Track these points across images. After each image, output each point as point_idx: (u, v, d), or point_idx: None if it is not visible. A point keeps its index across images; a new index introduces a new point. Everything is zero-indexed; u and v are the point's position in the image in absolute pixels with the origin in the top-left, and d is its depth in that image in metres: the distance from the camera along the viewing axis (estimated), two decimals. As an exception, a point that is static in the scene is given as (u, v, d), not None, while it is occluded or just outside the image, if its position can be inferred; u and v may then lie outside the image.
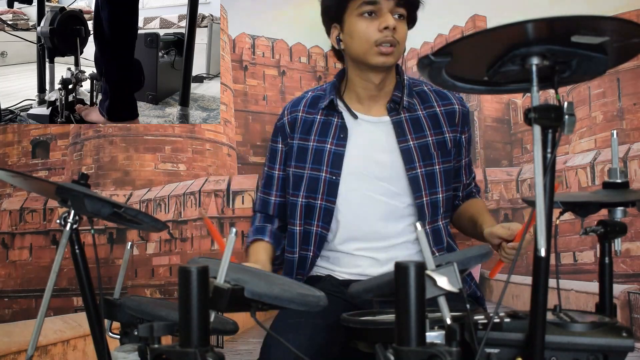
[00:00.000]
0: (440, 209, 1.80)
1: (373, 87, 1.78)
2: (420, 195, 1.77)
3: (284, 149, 1.85)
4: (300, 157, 1.81)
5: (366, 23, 1.69)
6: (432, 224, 1.79)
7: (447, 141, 1.81)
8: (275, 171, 1.87)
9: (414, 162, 1.77)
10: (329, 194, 1.77)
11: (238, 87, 2.66)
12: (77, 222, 1.40)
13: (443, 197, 1.80)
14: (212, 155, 2.67)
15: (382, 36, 1.68)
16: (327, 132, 1.80)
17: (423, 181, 1.77)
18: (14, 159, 2.65)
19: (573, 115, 1.06)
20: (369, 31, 1.69)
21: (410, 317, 0.96)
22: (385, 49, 1.69)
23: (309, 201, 1.79)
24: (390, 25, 1.67)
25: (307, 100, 1.86)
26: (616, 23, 1.03)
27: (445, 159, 1.81)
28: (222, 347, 2.40)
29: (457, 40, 1.07)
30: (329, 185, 1.77)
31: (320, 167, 1.78)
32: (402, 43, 1.72)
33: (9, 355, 2.46)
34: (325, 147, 1.78)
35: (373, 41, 1.69)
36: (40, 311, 1.40)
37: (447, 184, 1.82)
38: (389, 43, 1.69)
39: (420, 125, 1.81)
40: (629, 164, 2.40)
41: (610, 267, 1.38)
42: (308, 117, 1.83)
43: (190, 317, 1.00)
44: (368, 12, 1.69)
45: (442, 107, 1.84)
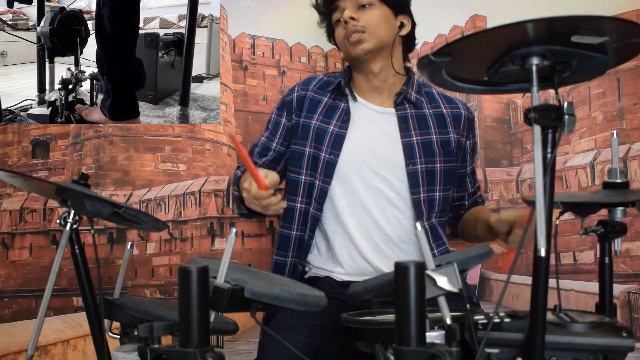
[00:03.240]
0: (436, 207, 1.81)
1: (374, 78, 1.84)
2: (417, 191, 1.78)
3: (287, 124, 1.87)
4: (303, 135, 1.83)
5: (338, 29, 1.85)
6: (427, 221, 1.80)
7: (451, 141, 1.84)
8: (274, 143, 1.88)
9: (415, 158, 1.79)
10: (325, 175, 1.79)
11: (238, 87, 2.66)
12: (77, 222, 1.41)
13: (440, 196, 1.81)
14: (212, 155, 2.66)
15: (345, 31, 1.80)
16: (333, 114, 1.84)
17: (422, 178, 1.78)
18: (14, 159, 2.65)
19: (573, 115, 1.06)
20: (339, 33, 1.84)
21: (410, 317, 0.96)
22: (352, 38, 1.79)
23: (311, 180, 1.81)
24: (345, 17, 1.79)
25: (318, 81, 1.91)
26: (616, 23, 1.03)
27: (447, 159, 1.82)
28: (222, 347, 2.40)
29: (457, 40, 1.07)
30: (326, 165, 1.79)
31: (321, 146, 1.80)
32: (373, 26, 1.79)
33: (9, 355, 2.46)
34: (329, 128, 1.81)
35: (342, 38, 1.82)
36: (40, 311, 1.40)
37: (447, 184, 1.83)
38: (353, 33, 1.79)
39: (425, 122, 1.83)
40: (629, 164, 2.40)
41: (610, 267, 1.38)
42: (316, 96, 1.87)
43: (190, 317, 1.00)
44: (337, 19, 1.84)
45: (449, 109, 1.88)
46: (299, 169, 1.82)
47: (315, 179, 1.80)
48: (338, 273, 1.81)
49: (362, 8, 1.80)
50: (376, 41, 1.79)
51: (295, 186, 1.82)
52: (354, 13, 1.78)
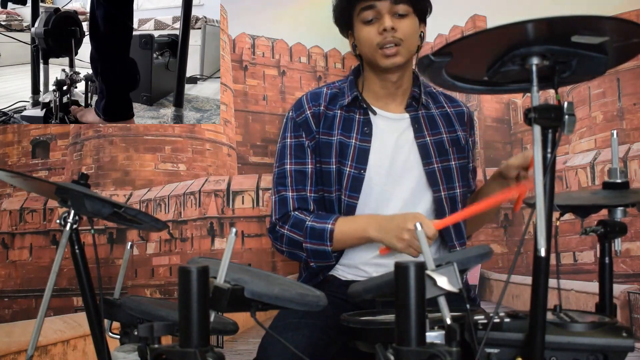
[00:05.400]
0: (459, 204, 1.81)
1: (391, 85, 1.81)
2: (438, 189, 1.79)
3: (311, 144, 1.79)
4: (325, 152, 1.78)
5: (368, 28, 1.75)
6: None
7: (460, 139, 1.85)
8: (308, 166, 1.80)
9: (431, 157, 1.80)
10: (352, 190, 1.76)
11: (238, 87, 2.65)
12: (77, 222, 1.40)
13: (460, 192, 1.82)
14: (212, 155, 2.66)
15: (382, 39, 1.72)
16: (351, 127, 1.80)
17: (440, 176, 1.79)
18: (14, 159, 2.64)
19: (573, 115, 1.06)
20: (370, 36, 1.74)
21: (410, 317, 0.96)
22: (388, 51, 1.72)
23: (338, 195, 1.77)
24: (387, 26, 1.71)
25: (326, 96, 1.83)
26: (616, 23, 1.03)
27: (461, 155, 1.84)
28: (222, 347, 2.40)
29: (457, 40, 1.07)
30: (352, 180, 1.76)
31: (345, 161, 1.77)
32: (408, 39, 1.74)
33: (9, 355, 2.46)
34: (350, 142, 1.78)
35: (376, 44, 1.73)
36: (40, 311, 1.40)
37: (464, 180, 1.84)
38: (391, 44, 1.72)
39: (435, 122, 1.84)
40: (629, 164, 2.40)
41: (610, 267, 1.39)
42: (329, 112, 1.81)
43: (190, 317, 1.00)
44: (369, 18, 1.74)
45: (452, 108, 1.89)
46: (330, 187, 1.78)
47: (341, 193, 1.77)
48: (342, 272, 1.81)
49: (398, 17, 1.73)
50: (408, 55, 1.76)
51: (329, 205, 1.78)
52: (392, 21, 1.71)
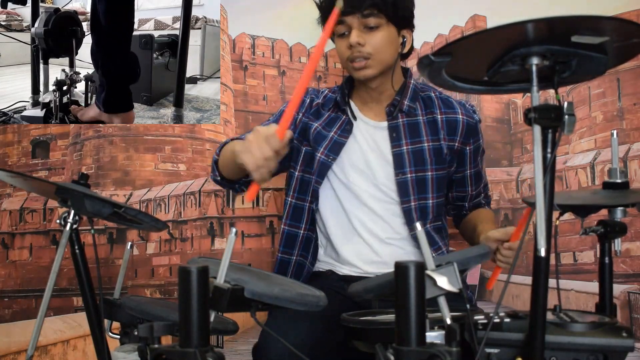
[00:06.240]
0: (430, 215, 1.81)
1: (372, 91, 1.83)
2: (408, 200, 1.79)
3: (297, 117, 1.87)
4: (302, 135, 1.85)
5: (340, 42, 1.78)
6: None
7: (443, 148, 1.82)
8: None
9: (405, 167, 1.79)
10: (319, 175, 1.81)
11: (238, 87, 2.65)
12: (77, 222, 1.41)
13: (433, 203, 1.81)
14: (212, 155, 2.67)
15: (350, 53, 1.75)
16: (334, 124, 1.85)
17: (412, 186, 1.79)
18: (14, 159, 2.64)
19: (573, 115, 1.06)
20: (342, 50, 1.78)
21: (410, 317, 0.96)
22: (357, 64, 1.75)
23: (304, 175, 1.84)
24: (352, 42, 1.73)
25: (325, 95, 1.91)
26: (616, 23, 1.03)
27: (440, 166, 1.82)
28: (222, 347, 2.40)
29: (457, 40, 1.07)
30: (321, 165, 1.80)
31: (318, 147, 1.82)
32: (379, 53, 1.74)
33: (9, 355, 2.46)
34: (329, 134, 1.83)
35: (346, 58, 1.77)
36: (40, 311, 1.40)
37: (439, 190, 1.83)
38: (359, 58, 1.74)
39: (417, 130, 1.82)
40: (629, 164, 2.40)
41: (610, 267, 1.38)
42: (322, 111, 1.88)
43: (190, 317, 1.00)
44: (341, 32, 1.77)
45: (444, 114, 1.85)
46: (295, 164, 1.86)
47: (310, 176, 1.83)
48: (340, 267, 1.82)
49: (369, 29, 1.73)
50: (380, 66, 1.76)
51: (295, 183, 1.85)
52: (360, 36, 1.72)
